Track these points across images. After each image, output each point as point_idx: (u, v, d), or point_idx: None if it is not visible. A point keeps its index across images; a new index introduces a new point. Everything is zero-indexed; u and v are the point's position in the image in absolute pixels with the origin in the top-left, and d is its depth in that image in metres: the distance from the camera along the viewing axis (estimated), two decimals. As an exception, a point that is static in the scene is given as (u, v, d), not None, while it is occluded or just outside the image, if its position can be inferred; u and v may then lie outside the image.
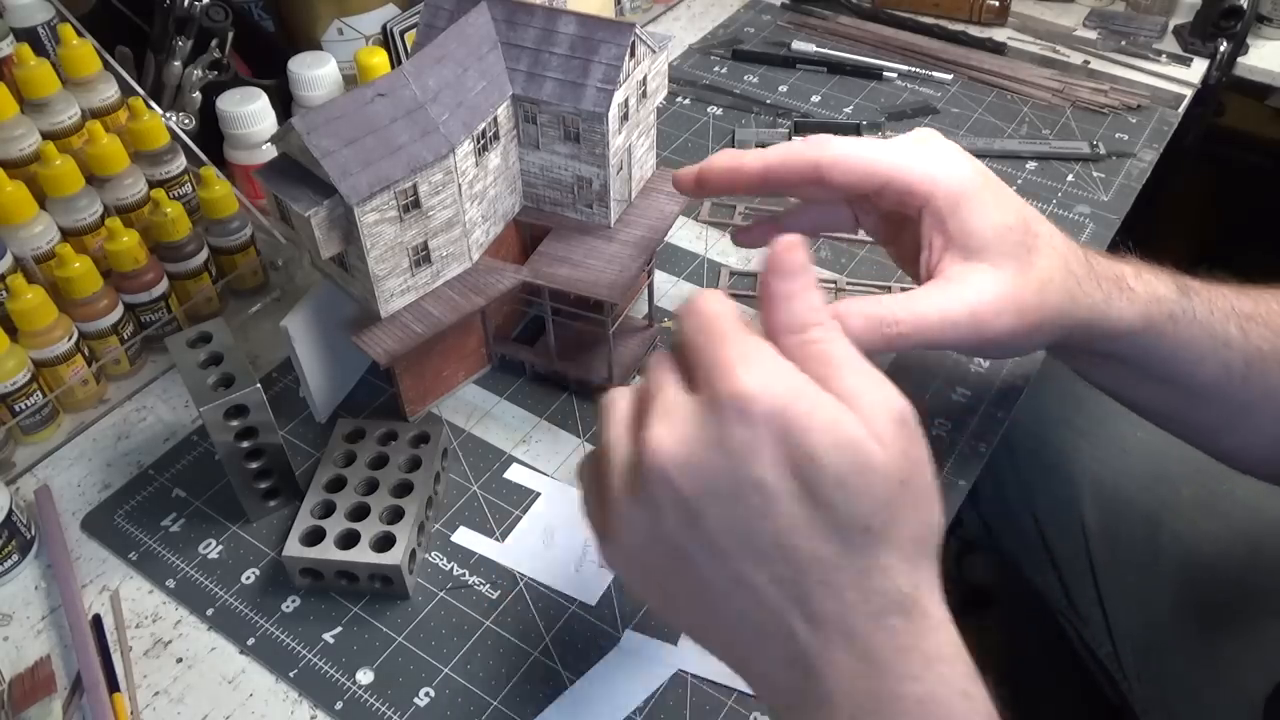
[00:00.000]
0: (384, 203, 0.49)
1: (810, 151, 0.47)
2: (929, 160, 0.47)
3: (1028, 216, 0.47)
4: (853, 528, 0.32)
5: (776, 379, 0.32)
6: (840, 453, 0.32)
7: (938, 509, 0.35)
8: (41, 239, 0.60)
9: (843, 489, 0.32)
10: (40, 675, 0.48)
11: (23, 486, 0.58)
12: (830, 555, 0.32)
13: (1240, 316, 0.50)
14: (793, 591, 0.33)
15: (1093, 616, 0.70)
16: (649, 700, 0.47)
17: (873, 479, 0.32)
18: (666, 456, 0.33)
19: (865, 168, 0.47)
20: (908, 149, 0.47)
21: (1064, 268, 0.47)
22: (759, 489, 0.32)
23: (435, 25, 0.55)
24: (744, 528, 0.32)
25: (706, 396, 0.33)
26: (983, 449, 0.58)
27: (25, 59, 0.62)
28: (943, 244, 0.46)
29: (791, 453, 0.32)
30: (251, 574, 0.52)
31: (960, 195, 0.46)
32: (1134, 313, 0.48)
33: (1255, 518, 0.64)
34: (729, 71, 0.92)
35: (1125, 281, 0.49)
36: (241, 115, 0.69)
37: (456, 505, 0.55)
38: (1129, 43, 0.93)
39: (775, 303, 0.35)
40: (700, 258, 0.71)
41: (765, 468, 0.32)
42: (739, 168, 0.49)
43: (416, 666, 0.48)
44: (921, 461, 0.34)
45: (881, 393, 0.34)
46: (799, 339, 0.34)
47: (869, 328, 0.44)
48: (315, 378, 0.58)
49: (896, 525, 0.33)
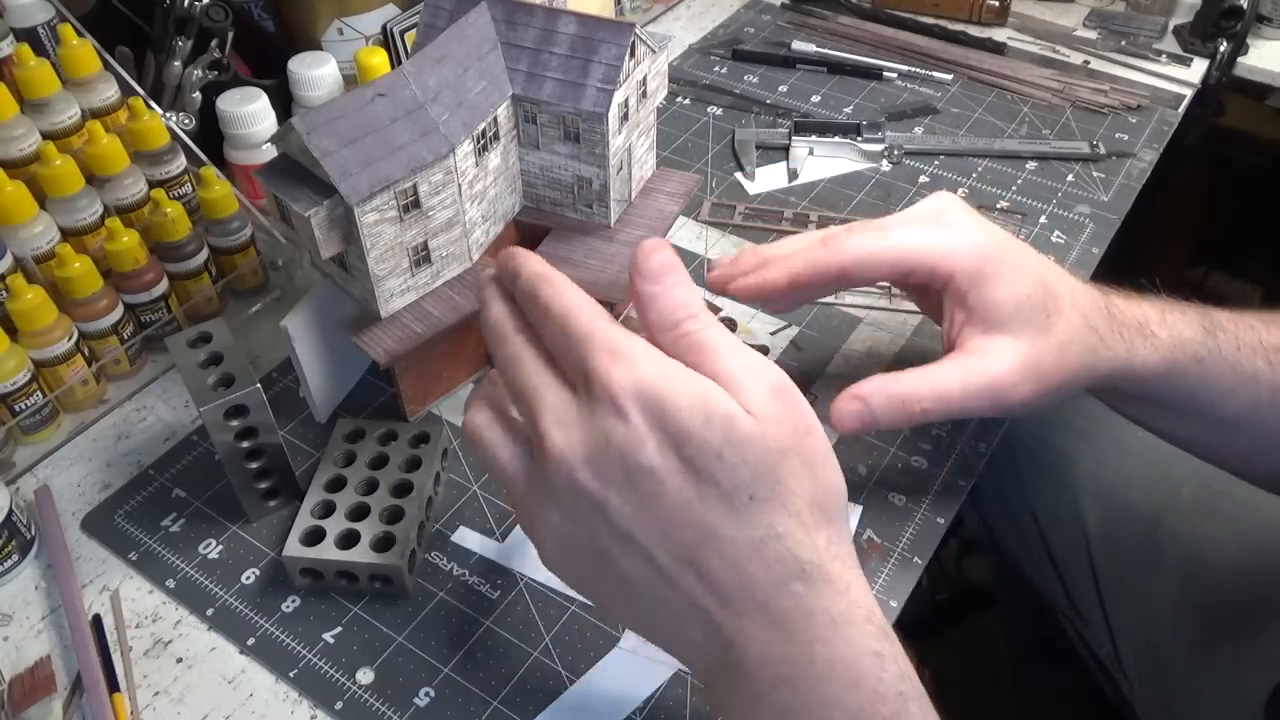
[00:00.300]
0: (384, 203, 0.49)
1: (833, 258, 0.50)
2: (947, 240, 0.49)
3: (1047, 279, 0.49)
4: (739, 498, 0.34)
5: (642, 370, 0.34)
6: (711, 426, 0.34)
7: (834, 473, 0.36)
8: (41, 239, 0.60)
9: (720, 460, 0.34)
10: (40, 675, 0.48)
11: (23, 486, 0.58)
12: (723, 527, 0.34)
13: (1268, 349, 0.50)
14: (697, 567, 0.34)
15: (1093, 617, 0.70)
16: (649, 700, 0.47)
17: (747, 449, 0.34)
18: (568, 458, 0.35)
19: (887, 264, 0.49)
20: (924, 231, 0.49)
21: (1085, 326, 0.48)
22: (649, 474, 0.34)
23: (435, 25, 0.55)
24: (644, 512, 0.34)
25: (586, 398, 0.35)
26: (983, 449, 0.58)
27: (25, 59, 0.62)
28: (964, 318, 0.49)
29: (669, 434, 0.34)
30: (251, 574, 0.52)
31: (979, 271, 0.48)
32: (1158, 358, 0.49)
33: (1255, 519, 0.64)
34: (729, 71, 0.92)
35: (1149, 328, 0.49)
36: (241, 115, 0.69)
37: (456, 505, 0.55)
38: (1129, 43, 0.93)
39: (645, 304, 0.37)
40: (700, 258, 0.71)
41: (650, 453, 0.34)
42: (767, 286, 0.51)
43: (416, 666, 0.48)
44: (806, 429, 0.36)
45: (755, 368, 0.35)
46: (673, 334, 0.36)
47: (893, 406, 0.47)
48: (315, 378, 0.58)
49: (786, 492, 0.34)
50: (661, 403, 0.34)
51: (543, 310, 0.37)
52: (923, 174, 0.78)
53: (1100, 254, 0.71)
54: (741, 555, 0.34)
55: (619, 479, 0.34)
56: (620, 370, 0.34)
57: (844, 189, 0.77)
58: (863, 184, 0.78)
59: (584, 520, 0.36)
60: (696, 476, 0.34)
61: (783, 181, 0.78)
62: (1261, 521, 0.64)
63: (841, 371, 0.62)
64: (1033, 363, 0.47)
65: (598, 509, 0.35)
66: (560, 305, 0.36)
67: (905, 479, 0.56)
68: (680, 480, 0.34)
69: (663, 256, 0.37)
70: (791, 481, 0.34)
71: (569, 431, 0.35)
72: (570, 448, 0.35)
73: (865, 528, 0.53)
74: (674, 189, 0.62)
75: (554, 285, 0.37)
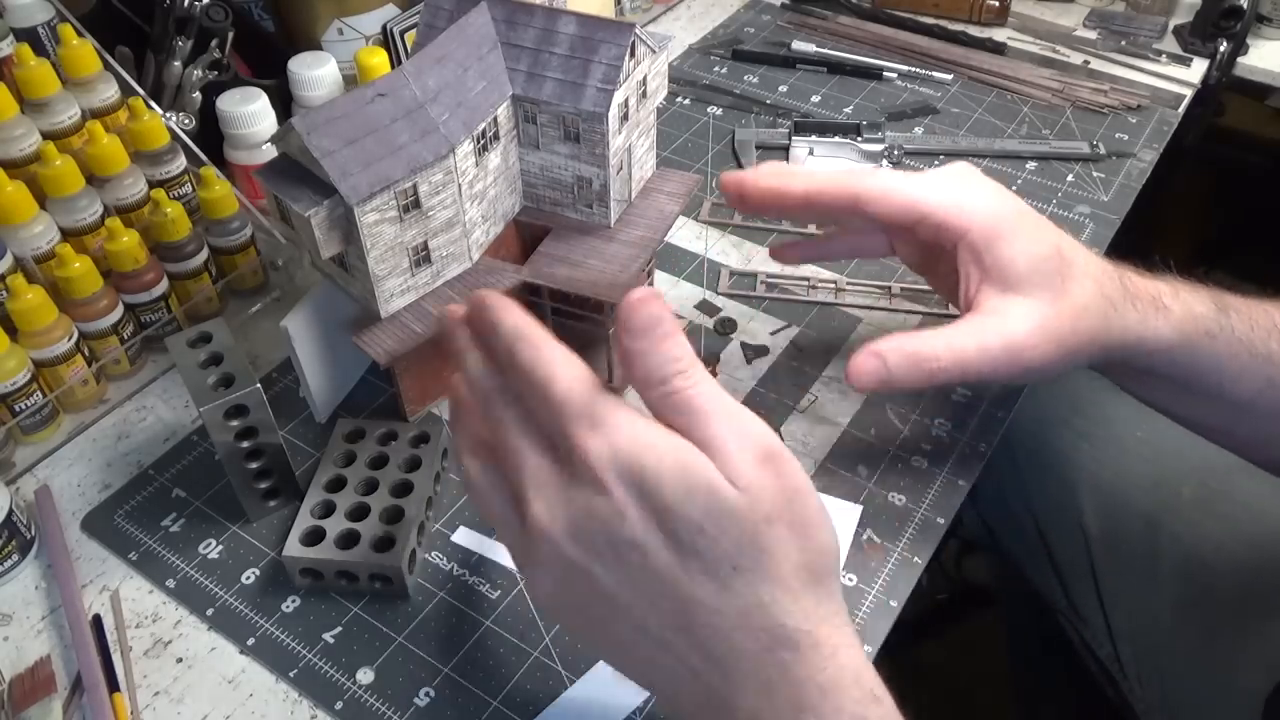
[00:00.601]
0: (384, 203, 0.49)
1: (851, 182, 0.49)
2: (965, 195, 0.49)
3: (1062, 245, 0.48)
4: (721, 569, 0.33)
5: (622, 441, 0.33)
6: (693, 498, 0.33)
7: (825, 534, 0.35)
8: (41, 239, 0.60)
9: (702, 534, 0.33)
10: (40, 675, 0.48)
11: (23, 486, 0.58)
12: (709, 598, 0.34)
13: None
14: (688, 636, 0.34)
15: (1093, 617, 0.70)
16: (649, 700, 0.47)
17: (730, 521, 0.33)
18: (550, 530, 0.35)
19: (903, 202, 0.49)
20: (944, 184, 0.49)
21: (1099, 293, 0.48)
22: (634, 547, 0.33)
23: (435, 25, 0.55)
24: (630, 583, 0.34)
25: (569, 469, 0.35)
26: (983, 449, 0.58)
27: (25, 59, 0.62)
28: (979, 277, 0.48)
29: (651, 507, 0.33)
30: (251, 574, 0.52)
31: (995, 229, 0.48)
32: (1170, 330, 0.49)
33: (1254, 518, 0.64)
34: (729, 71, 0.92)
35: (1161, 300, 0.49)
36: (241, 115, 0.69)
37: (456, 505, 0.55)
38: (1129, 43, 0.93)
39: (631, 360, 0.35)
40: (700, 258, 0.71)
41: (633, 526, 0.33)
42: (784, 189, 0.50)
43: (416, 666, 0.48)
44: (796, 491, 0.35)
45: (742, 433, 0.34)
46: (659, 392, 0.35)
47: (910, 365, 0.47)
48: (315, 378, 0.58)
49: (770, 561, 0.34)
50: (642, 474, 0.33)
51: (521, 374, 0.36)
52: (923, 174, 0.78)
53: (1100, 254, 0.71)
54: (728, 625, 0.34)
55: (604, 550, 0.34)
56: (598, 441, 0.33)
57: (844, 189, 0.77)
58: (863, 184, 0.78)
59: (573, 585, 0.35)
60: (679, 549, 0.33)
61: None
62: (1261, 521, 0.64)
63: (841, 372, 0.62)
64: (1049, 325, 0.47)
65: (584, 576, 0.35)
66: (540, 370, 0.35)
67: (905, 479, 0.56)
68: (664, 553, 0.33)
69: (650, 309, 0.34)
70: (777, 550, 0.34)
71: (550, 502, 0.35)
72: (553, 520, 0.35)
73: (865, 528, 0.53)
74: (674, 189, 0.62)
75: (532, 345, 0.36)
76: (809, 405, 0.60)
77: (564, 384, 0.35)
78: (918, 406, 0.60)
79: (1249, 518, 0.64)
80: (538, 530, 0.35)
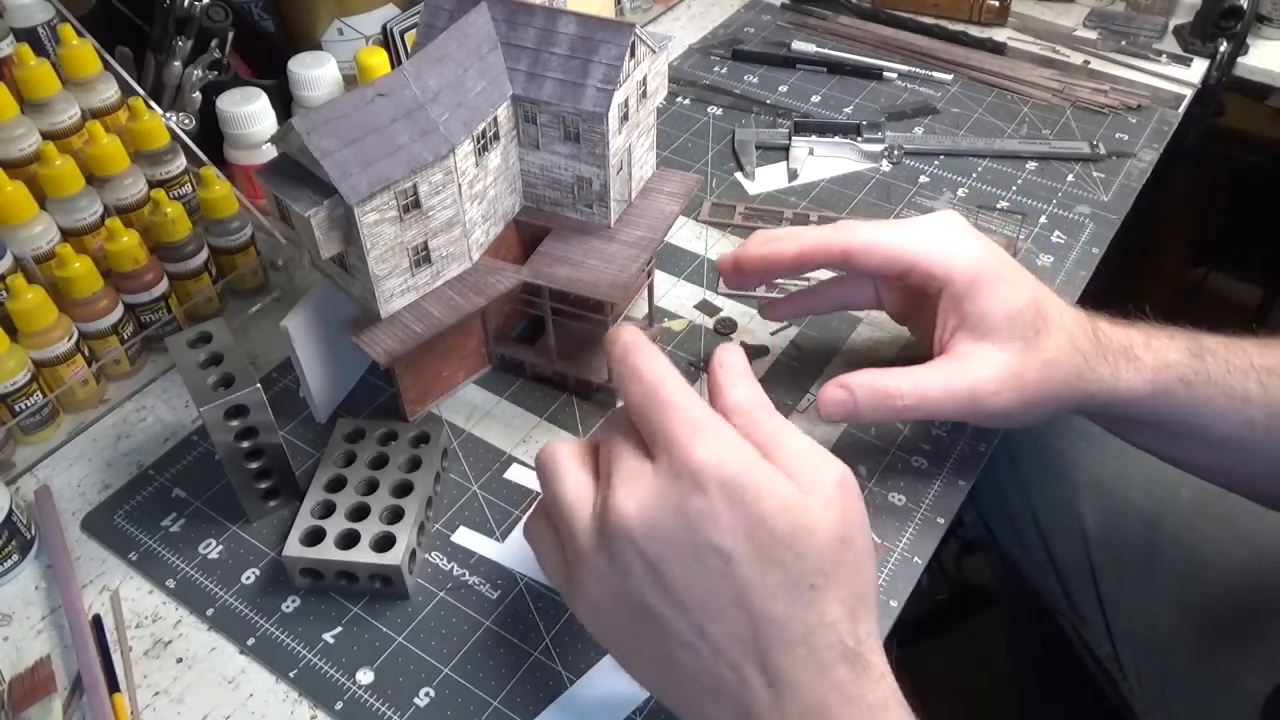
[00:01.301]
0: (384, 203, 0.49)
1: (839, 238, 0.52)
2: (948, 246, 0.50)
3: (1039, 299, 0.50)
4: (800, 585, 0.35)
5: (727, 452, 0.36)
6: (786, 515, 0.35)
7: (873, 570, 0.38)
8: (41, 239, 0.60)
9: (791, 550, 0.35)
10: (40, 675, 0.48)
11: (23, 486, 0.58)
12: (781, 613, 0.35)
13: (1259, 371, 0.50)
14: (749, 646, 0.35)
15: (1092, 617, 0.70)
16: (649, 700, 0.47)
17: (815, 539, 0.35)
18: (632, 521, 0.36)
19: (889, 255, 0.51)
20: (930, 234, 0.51)
21: (1070, 347, 0.49)
22: (717, 552, 0.35)
23: (435, 25, 0.55)
24: (703, 586, 0.35)
25: (665, 466, 0.36)
26: (983, 449, 0.58)
27: (25, 59, 0.62)
28: (955, 324, 0.50)
29: (744, 518, 0.35)
30: (251, 574, 0.52)
31: (975, 280, 0.49)
32: (1142, 381, 0.50)
33: (1254, 519, 0.64)
34: (729, 71, 0.92)
35: (1134, 352, 0.50)
36: (241, 115, 0.69)
37: (456, 505, 0.55)
38: (1129, 43, 0.93)
39: (724, 387, 0.40)
40: (700, 258, 0.71)
41: (722, 533, 0.35)
42: (776, 255, 0.53)
43: (416, 666, 0.48)
44: (861, 522, 0.37)
45: (820, 461, 0.37)
46: (744, 418, 0.38)
47: (877, 399, 0.49)
48: (315, 378, 0.58)
49: (839, 582, 0.36)
50: (743, 485, 0.35)
51: (632, 374, 0.39)
52: (923, 174, 0.78)
53: (1100, 254, 0.71)
54: (795, 639, 0.35)
55: (685, 550, 0.35)
56: (703, 446, 0.35)
57: (844, 189, 0.77)
58: (863, 184, 0.78)
59: (634, 578, 0.36)
60: (764, 562, 0.35)
61: (783, 182, 0.78)
62: (1261, 522, 0.64)
63: (841, 372, 0.62)
64: (1015, 373, 0.48)
65: (652, 572, 0.36)
66: (651, 374, 0.38)
67: (905, 479, 0.56)
68: (748, 565, 0.35)
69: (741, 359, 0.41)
70: (846, 571, 0.36)
71: (639, 494, 0.36)
72: (638, 509, 0.36)
73: (865, 528, 0.53)
74: (674, 189, 0.62)
75: (645, 354, 0.39)
76: (809, 405, 0.60)
77: (674, 387, 0.38)
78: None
79: (1248, 518, 0.64)
80: (617, 515, 0.36)
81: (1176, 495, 0.67)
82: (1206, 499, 0.66)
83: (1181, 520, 0.66)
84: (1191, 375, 0.50)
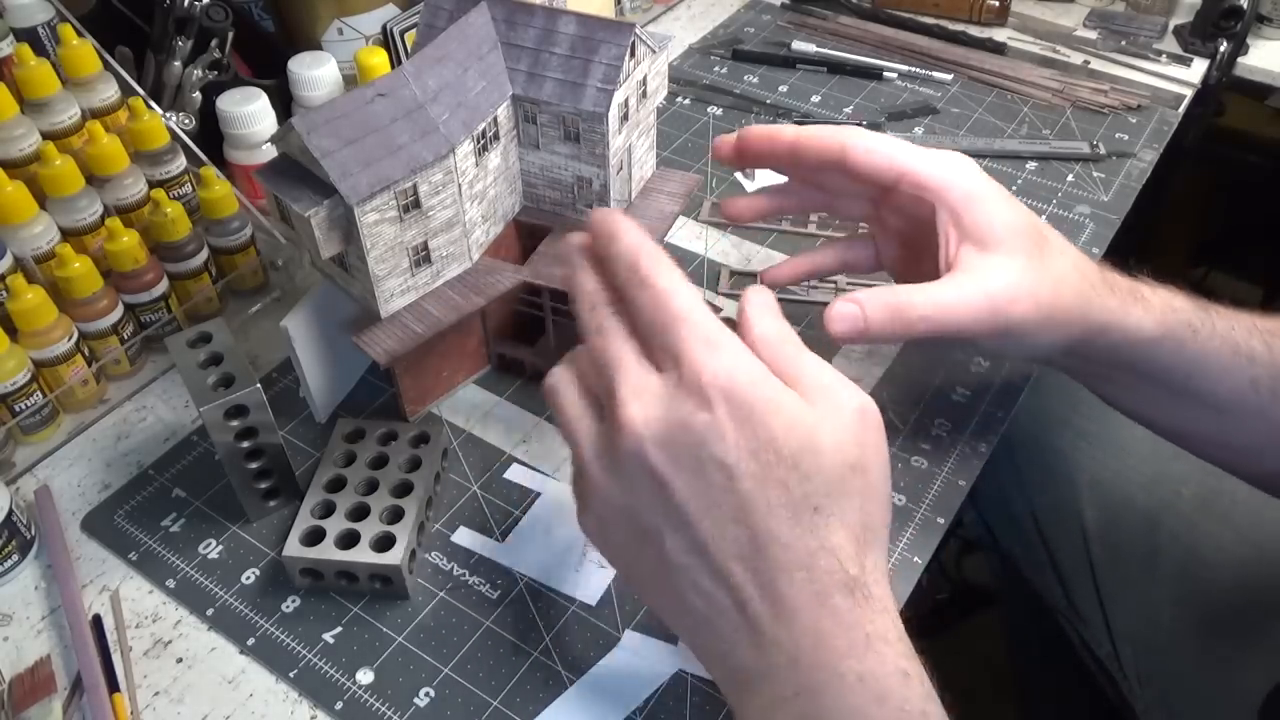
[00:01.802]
0: (384, 203, 0.49)
1: (839, 134, 0.51)
2: (945, 162, 0.49)
3: (1038, 224, 0.49)
4: (803, 507, 0.34)
5: (738, 367, 0.35)
6: (794, 435, 0.34)
7: (888, 507, 0.37)
8: (41, 239, 0.60)
9: (796, 469, 0.34)
10: (40, 675, 0.48)
11: (23, 486, 0.58)
12: (783, 533, 0.34)
13: (1264, 332, 0.50)
14: (749, 565, 0.35)
15: (1093, 616, 0.70)
16: (649, 700, 0.47)
17: (822, 460, 0.35)
18: (640, 432, 0.35)
19: (885, 157, 0.50)
20: (929, 153, 0.50)
21: (1077, 271, 0.48)
22: (721, 467, 0.34)
23: (435, 25, 0.55)
24: (707, 500, 0.35)
25: (674, 380, 0.35)
26: (983, 449, 0.58)
27: (25, 59, 0.62)
28: (958, 237, 0.48)
29: (751, 435, 0.34)
30: (251, 574, 0.52)
31: (973, 193, 0.48)
32: (1151, 321, 0.49)
33: (1254, 518, 0.64)
34: (729, 71, 0.92)
35: (1140, 292, 0.49)
36: (241, 115, 0.69)
37: (456, 505, 0.55)
38: (1129, 43, 0.93)
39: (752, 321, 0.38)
40: (700, 258, 0.71)
41: (728, 448, 0.34)
42: (775, 137, 0.52)
43: (416, 666, 0.48)
44: (878, 454, 0.37)
45: (842, 387, 0.37)
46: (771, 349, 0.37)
47: (890, 315, 0.47)
48: (315, 378, 0.58)
49: (845, 508, 0.35)
50: (751, 401, 0.34)
51: (640, 282, 0.37)
52: (923, 174, 0.78)
53: (1100, 254, 0.71)
54: (795, 562, 0.34)
55: (690, 465, 0.35)
56: (715, 360, 0.35)
57: (844, 189, 0.77)
58: (863, 184, 0.78)
59: (641, 495, 0.36)
60: (768, 480, 0.34)
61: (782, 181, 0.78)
62: (1261, 521, 0.64)
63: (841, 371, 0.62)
64: (1029, 283, 0.47)
65: (659, 488, 0.35)
66: (663, 282, 0.37)
67: (905, 479, 0.56)
68: (751, 481, 0.34)
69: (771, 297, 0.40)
70: (854, 498, 0.35)
71: (647, 407, 0.35)
72: (645, 423, 0.35)
73: (865, 528, 0.53)
74: (674, 189, 0.62)
75: (656, 259, 0.37)
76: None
77: (686, 299, 0.36)
78: (918, 406, 0.60)
79: (1249, 517, 0.65)
80: (626, 429, 0.35)
81: (1177, 494, 0.67)
82: (1207, 497, 0.66)
83: (1181, 519, 0.66)
84: (1198, 323, 0.49)
